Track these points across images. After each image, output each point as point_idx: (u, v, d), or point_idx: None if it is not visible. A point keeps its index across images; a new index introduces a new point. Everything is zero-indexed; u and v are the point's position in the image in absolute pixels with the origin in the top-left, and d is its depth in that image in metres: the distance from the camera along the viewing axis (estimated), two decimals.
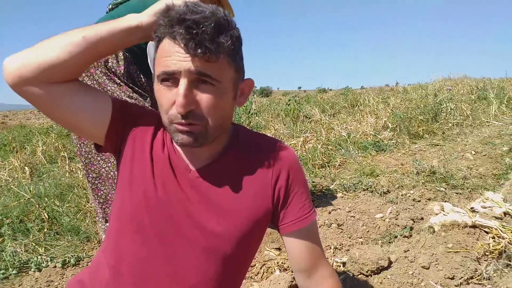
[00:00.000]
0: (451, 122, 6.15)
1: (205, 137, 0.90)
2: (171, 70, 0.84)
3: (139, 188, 0.96)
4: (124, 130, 1.00)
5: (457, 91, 9.61)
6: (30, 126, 9.87)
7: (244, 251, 1.02)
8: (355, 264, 1.96)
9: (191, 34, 0.80)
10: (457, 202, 2.86)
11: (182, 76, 0.83)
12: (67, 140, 6.60)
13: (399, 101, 8.17)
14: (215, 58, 0.83)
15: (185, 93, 0.83)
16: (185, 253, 0.94)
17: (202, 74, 0.84)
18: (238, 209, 0.97)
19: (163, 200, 0.95)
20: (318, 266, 1.03)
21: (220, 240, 0.95)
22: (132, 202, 0.96)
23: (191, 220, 0.95)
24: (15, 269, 2.32)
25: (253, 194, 0.99)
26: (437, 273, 1.85)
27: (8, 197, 3.46)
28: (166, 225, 0.95)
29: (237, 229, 0.96)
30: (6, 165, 4.93)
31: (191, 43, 0.80)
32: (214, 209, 0.96)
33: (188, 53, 0.82)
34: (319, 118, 7.18)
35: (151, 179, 0.96)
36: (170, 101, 0.86)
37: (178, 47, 0.83)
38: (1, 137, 7.28)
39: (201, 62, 0.82)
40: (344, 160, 4.57)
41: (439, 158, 4.20)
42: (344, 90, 13.98)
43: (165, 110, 0.88)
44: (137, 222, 0.95)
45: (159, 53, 0.88)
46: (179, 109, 0.83)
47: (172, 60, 0.83)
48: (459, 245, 2.05)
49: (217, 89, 0.87)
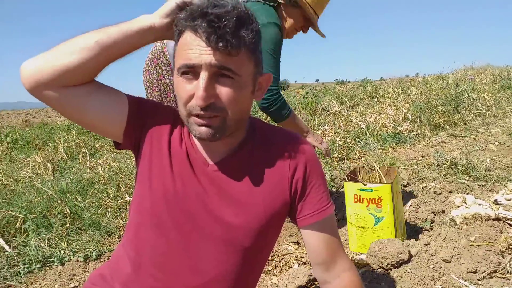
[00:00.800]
0: (473, 113, 6.00)
1: (224, 131, 0.90)
2: (192, 63, 0.84)
3: (158, 183, 0.97)
4: (142, 127, 1.01)
5: (479, 81, 9.37)
6: (52, 124, 10.10)
7: (262, 244, 1.02)
8: (374, 258, 1.94)
9: (213, 28, 0.81)
10: (480, 194, 2.79)
11: (203, 69, 0.83)
12: (88, 137, 6.72)
13: (419, 92, 8.01)
14: (236, 52, 0.84)
15: (206, 86, 0.83)
16: (204, 246, 0.96)
17: (223, 67, 0.84)
18: (255, 202, 0.97)
19: (181, 195, 0.96)
20: (336, 259, 1.02)
21: (238, 233, 0.96)
22: (151, 197, 0.97)
23: (209, 214, 0.96)
24: (39, 264, 2.38)
25: (270, 187, 0.99)
26: (459, 267, 1.81)
27: (31, 193, 3.55)
28: (184, 219, 0.96)
29: (255, 221, 0.97)
30: (30, 162, 5.06)
31: (212, 36, 0.81)
32: (231, 202, 0.97)
33: (209, 47, 0.82)
34: (338, 111, 7.10)
35: (170, 174, 0.97)
36: (190, 93, 0.86)
37: (199, 40, 0.83)
38: (24, 135, 7.46)
39: (222, 56, 0.83)
40: (363, 153, 4.52)
41: (461, 150, 4.10)
42: (363, 81, 13.80)
43: (184, 102, 0.88)
44: (157, 216, 0.96)
45: (180, 45, 0.88)
46: (199, 102, 0.84)
47: (193, 53, 0.83)
48: (482, 238, 2.00)
49: (237, 82, 0.87)
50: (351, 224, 2.22)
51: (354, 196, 2.17)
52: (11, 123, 13.01)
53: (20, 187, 3.91)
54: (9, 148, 6.43)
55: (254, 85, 0.95)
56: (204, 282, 0.96)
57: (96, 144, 6.40)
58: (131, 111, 0.98)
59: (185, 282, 0.95)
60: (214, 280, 0.96)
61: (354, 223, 2.20)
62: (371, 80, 14.52)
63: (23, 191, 3.75)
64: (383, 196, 2.09)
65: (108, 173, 4.05)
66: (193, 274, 0.96)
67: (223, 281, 0.97)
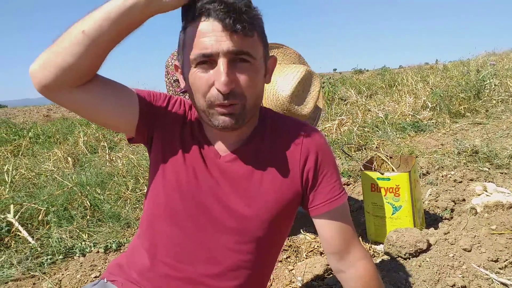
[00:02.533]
0: (495, 99, 5.84)
1: (244, 118, 0.90)
2: (210, 52, 0.81)
3: (171, 176, 0.98)
4: (153, 122, 1.00)
5: (501, 66, 9.11)
6: (72, 118, 10.26)
7: (275, 233, 1.02)
8: (392, 247, 1.92)
9: (229, 10, 0.79)
10: (502, 182, 2.72)
11: (221, 56, 0.81)
12: (107, 131, 6.81)
13: (439, 79, 7.86)
14: (252, 33, 0.83)
15: (227, 71, 0.82)
16: (218, 237, 0.96)
17: (241, 52, 0.83)
18: (267, 192, 0.97)
19: (194, 187, 0.96)
20: (350, 247, 1.01)
21: (250, 223, 0.96)
22: (165, 190, 0.98)
23: (221, 205, 0.96)
24: (61, 255, 2.43)
25: (281, 177, 0.98)
26: (480, 256, 1.77)
27: (53, 186, 3.63)
28: (198, 210, 0.96)
29: (267, 212, 0.97)
30: (51, 156, 5.16)
31: (228, 19, 0.79)
32: (243, 193, 0.96)
33: (225, 31, 0.80)
34: (355, 100, 7.03)
35: (183, 167, 0.97)
36: (209, 83, 0.84)
37: (215, 25, 0.81)
38: (46, 130, 7.62)
39: (240, 39, 0.82)
40: (381, 142, 4.46)
41: (482, 137, 4.01)
42: (381, 70, 13.60)
43: (202, 93, 0.86)
44: (171, 208, 0.97)
45: (192, 35, 0.84)
46: (223, 88, 0.82)
47: (209, 40, 0.81)
48: (504, 227, 1.95)
49: (253, 66, 0.86)
50: (369, 214, 2.20)
51: (371, 185, 2.14)
52: (33, 118, 13.29)
53: (42, 181, 4.00)
54: (31, 143, 6.58)
55: (266, 68, 0.94)
56: (219, 271, 0.96)
57: (115, 137, 6.48)
58: (142, 109, 0.97)
59: (201, 271, 0.96)
60: (229, 269, 0.96)
61: (371, 213, 2.18)
62: (389, 68, 14.30)
63: (45, 184, 3.84)
64: (400, 185, 2.06)
65: (127, 166, 4.11)
66: (208, 264, 0.96)
67: (238, 271, 0.97)
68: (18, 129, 7.65)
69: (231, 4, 0.79)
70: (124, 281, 1.04)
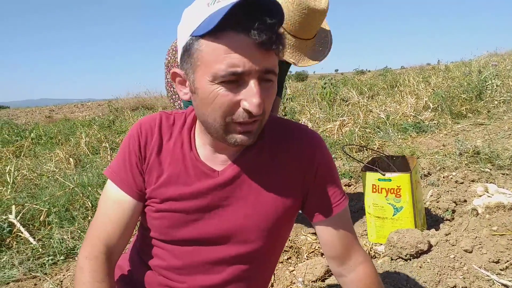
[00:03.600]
0: (497, 100, 5.82)
1: (258, 133, 0.88)
2: (241, 70, 0.75)
3: (167, 205, 0.95)
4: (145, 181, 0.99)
5: (503, 67, 9.10)
6: (74, 119, 10.30)
7: (275, 241, 1.01)
8: (393, 248, 1.92)
9: (267, 28, 0.74)
10: (503, 183, 2.72)
11: (253, 76, 0.77)
12: (108, 132, 6.83)
13: (441, 80, 7.86)
14: (280, 53, 0.80)
15: (261, 92, 0.78)
16: (217, 248, 0.96)
17: (269, 71, 0.79)
18: (266, 201, 0.95)
19: (194, 210, 0.95)
20: (351, 252, 1.01)
21: (250, 234, 0.95)
22: (162, 220, 0.96)
23: (221, 220, 0.95)
24: (62, 255, 2.44)
25: (281, 185, 0.97)
26: (481, 257, 1.77)
27: (54, 187, 3.64)
28: (198, 231, 0.95)
29: (267, 221, 0.95)
30: (53, 156, 5.18)
31: (265, 37, 0.74)
32: (243, 204, 0.95)
33: (260, 49, 0.75)
34: (357, 101, 7.03)
35: (182, 196, 0.95)
36: (234, 101, 0.79)
37: (248, 42, 0.75)
38: (48, 131, 7.64)
39: (270, 58, 0.78)
40: (382, 142, 4.46)
41: (483, 138, 4.00)
42: (383, 70, 13.61)
43: (225, 111, 0.80)
44: (169, 234, 0.97)
45: (214, 47, 0.76)
46: (256, 109, 0.77)
47: (241, 58, 0.75)
48: (505, 228, 1.95)
49: (274, 84, 0.84)
50: (370, 215, 2.20)
51: (373, 186, 2.14)
52: (35, 119, 13.32)
53: (44, 182, 4.01)
54: (33, 144, 6.60)
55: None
56: (219, 282, 0.96)
57: (117, 138, 6.49)
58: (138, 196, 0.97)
59: (201, 282, 0.96)
60: (230, 280, 0.96)
61: (372, 214, 2.18)
62: (391, 69, 14.30)
63: (47, 185, 3.84)
64: (402, 186, 2.06)
65: None
66: (208, 274, 0.96)
67: (238, 281, 0.97)
68: (20, 130, 7.69)
69: (271, 24, 0.74)
70: (122, 279, 1.05)
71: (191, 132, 0.99)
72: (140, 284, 1.02)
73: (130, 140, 0.98)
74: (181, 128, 1.00)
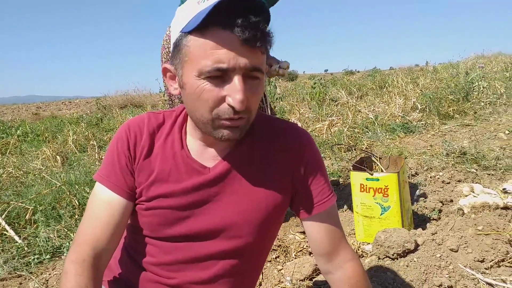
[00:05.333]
0: (484, 101, 5.91)
1: (245, 130, 0.89)
2: (226, 67, 0.77)
3: (158, 202, 0.95)
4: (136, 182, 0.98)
5: (490, 69, 9.24)
6: (61, 117, 10.18)
7: (264, 237, 1.02)
8: (380, 247, 1.93)
9: (251, 26, 0.76)
10: (489, 183, 2.76)
11: (237, 72, 0.79)
12: (96, 129, 6.77)
13: (429, 81, 7.95)
14: (267, 50, 0.82)
15: (244, 88, 0.79)
16: (208, 245, 0.96)
17: (255, 68, 0.80)
18: (257, 197, 0.96)
19: (186, 207, 0.95)
20: (339, 249, 1.01)
21: (241, 229, 0.96)
22: (152, 216, 0.96)
23: (213, 216, 0.95)
24: (48, 254, 2.41)
25: (271, 181, 0.98)
26: (466, 256, 1.79)
27: (41, 185, 3.59)
28: (188, 227, 0.95)
29: (257, 217, 0.96)
30: (40, 154, 5.11)
31: (250, 35, 0.76)
32: (234, 200, 0.96)
33: (245, 46, 0.77)
34: (346, 101, 7.06)
35: (172, 193, 0.95)
36: (219, 97, 0.81)
37: (234, 39, 0.76)
38: (34, 128, 7.54)
39: (256, 56, 0.80)
40: (371, 142, 4.49)
41: (470, 139, 4.06)
42: (371, 71, 13.71)
43: (210, 106, 0.82)
44: (159, 231, 0.97)
45: (201, 43, 0.79)
46: (239, 105, 0.79)
47: (227, 54, 0.77)
48: (490, 227, 1.98)
49: (261, 81, 0.85)
50: (358, 214, 2.21)
51: (361, 185, 2.16)
52: (22, 116, 13.15)
53: (30, 179, 3.96)
54: (19, 141, 6.50)
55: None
56: (209, 277, 0.96)
57: (105, 136, 6.43)
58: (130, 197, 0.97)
59: (190, 278, 0.96)
60: (219, 275, 0.97)
61: (360, 213, 2.19)
62: (380, 70, 14.41)
63: (33, 183, 3.79)
64: (389, 186, 2.07)
65: None
66: (197, 270, 0.96)
67: (228, 276, 0.98)
68: (6, 127, 7.57)
69: (255, 21, 0.76)
70: (112, 279, 1.04)
71: (182, 130, 1.00)
72: (130, 282, 1.01)
73: (118, 142, 0.98)
74: (171, 126, 1.00)
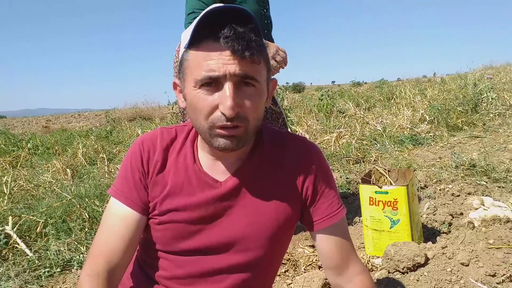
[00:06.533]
0: (493, 113, 5.87)
1: (245, 140, 0.90)
2: (216, 75, 0.82)
3: (177, 219, 0.97)
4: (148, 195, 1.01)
5: (499, 80, 9.20)
6: (71, 130, 10.27)
7: (275, 250, 1.03)
8: (390, 261, 1.92)
9: (238, 37, 0.80)
10: (499, 196, 2.73)
11: (228, 79, 0.82)
12: (106, 142, 6.82)
13: (437, 92, 7.91)
14: (259, 60, 0.84)
15: (234, 95, 0.82)
16: (219, 259, 0.97)
17: (247, 76, 0.84)
18: (268, 211, 0.98)
19: (197, 221, 0.97)
20: (349, 262, 1.02)
21: (252, 243, 0.97)
22: (173, 232, 0.98)
23: (224, 230, 0.97)
24: (59, 267, 2.42)
25: (281, 194, 0.99)
26: (477, 270, 1.78)
27: (51, 198, 3.62)
28: (201, 241, 0.97)
29: (267, 230, 0.98)
30: (50, 167, 5.15)
31: (238, 45, 0.80)
32: (245, 214, 0.97)
33: (234, 56, 0.81)
34: (353, 113, 7.06)
35: (185, 207, 0.97)
36: (213, 105, 0.85)
37: (223, 50, 0.82)
38: (44, 141, 7.62)
39: (247, 65, 0.83)
40: (379, 155, 4.47)
41: (479, 151, 4.03)
42: (379, 82, 13.70)
43: (205, 115, 0.86)
44: (172, 245, 0.98)
45: (197, 55, 0.85)
46: (229, 112, 0.82)
47: (217, 63, 0.82)
48: (501, 241, 1.96)
49: (258, 90, 0.87)
50: (367, 227, 2.20)
51: (370, 198, 2.16)
52: (32, 129, 13.31)
53: (41, 192, 4.00)
54: (30, 154, 6.56)
55: (268, 91, 0.95)
56: None
57: (114, 149, 6.49)
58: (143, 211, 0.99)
59: None
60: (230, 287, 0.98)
61: (369, 226, 2.18)
62: (387, 81, 14.40)
63: (44, 196, 3.83)
64: (398, 199, 2.07)
65: None
66: (210, 284, 0.97)
67: None
68: (17, 140, 7.65)
69: (241, 32, 0.81)
70: None
71: (194, 144, 1.02)
72: None
73: (132, 157, 1.01)
74: (184, 141, 1.03)
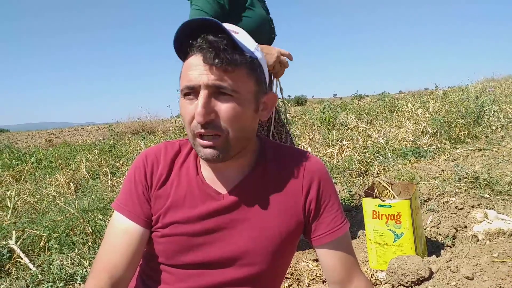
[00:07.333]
0: (495, 125, 5.87)
1: (227, 151, 0.92)
2: (192, 84, 0.88)
3: (180, 232, 0.98)
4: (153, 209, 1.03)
5: (500, 92, 9.21)
6: (74, 143, 10.31)
7: (278, 264, 1.04)
8: (394, 275, 1.91)
9: (208, 46, 0.86)
10: (503, 209, 2.73)
11: (202, 88, 0.87)
12: (109, 156, 6.84)
13: (439, 105, 7.93)
14: (232, 68, 0.86)
15: (204, 102, 0.86)
16: (222, 273, 0.98)
17: (219, 86, 0.87)
18: (271, 225, 0.98)
19: (199, 234, 0.98)
20: (353, 277, 1.02)
21: (255, 257, 0.97)
22: (176, 245, 0.99)
23: (227, 243, 0.98)
24: (62, 282, 2.41)
25: (284, 209, 1.00)
26: (482, 284, 1.77)
27: (55, 212, 3.62)
28: (203, 255, 0.98)
29: (271, 244, 0.98)
30: (53, 181, 5.16)
31: (209, 54, 0.85)
32: (248, 228, 0.98)
33: (206, 64, 0.86)
34: (356, 125, 7.08)
35: (188, 219, 0.98)
36: (191, 113, 0.89)
37: (199, 60, 0.87)
38: (48, 155, 7.64)
39: (219, 73, 0.86)
40: (382, 168, 4.47)
41: (482, 163, 4.02)
42: (381, 95, 13.75)
43: (187, 122, 0.91)
44: (175, 259, 0.99)
45: (183, 68, 0.92)
46: (199, 118, 0.86)
47: (193, 73, 0.88)
48: (506, 254, 1.95)
49: (237, 99, 0.89)
50: (370, 241, 2.20)
51: (373, 212, 2.15)
52: (35, 143, 13.36)
53: (44, 206, 4.00)
54: (33, 168, 6.58)
55: (257, 103, 0.96)
56: None
57: (117, 162, 6.50)
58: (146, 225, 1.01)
59: None
60: None
61: (373, 240, 2.18)
62: (389, 94, 14.44)
63: (47, 210, 3.83)
64: (402, 212, 2.07)
65: None
66: None
67: None
68: (21, 154, 7.69)
69: (212, 41, 0.86)
70: None
71: (197, 158, 1.04)
72: None
73: (136, 171, 1.03)
74: (187, 154, 1.05)
